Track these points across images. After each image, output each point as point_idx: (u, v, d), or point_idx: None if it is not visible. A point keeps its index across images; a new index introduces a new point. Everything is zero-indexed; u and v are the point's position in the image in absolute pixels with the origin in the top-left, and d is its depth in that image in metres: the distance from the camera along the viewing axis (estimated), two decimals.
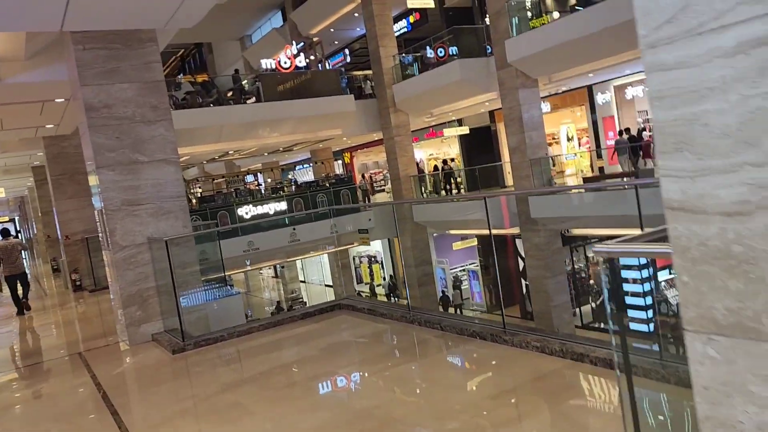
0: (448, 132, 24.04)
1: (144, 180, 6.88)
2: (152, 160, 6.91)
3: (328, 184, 22.25)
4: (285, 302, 27.31)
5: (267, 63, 21.20)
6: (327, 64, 27.39)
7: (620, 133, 18.88)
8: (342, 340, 6.00)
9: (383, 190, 27.62)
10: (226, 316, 7.03)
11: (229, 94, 20.80)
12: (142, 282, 6.73)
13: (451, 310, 26.01)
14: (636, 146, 17.80)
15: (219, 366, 5.71)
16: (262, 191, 22.40)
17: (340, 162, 35.59)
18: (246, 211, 19.93)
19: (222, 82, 22.98)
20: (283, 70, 20.87)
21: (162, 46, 8.66)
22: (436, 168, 26.17)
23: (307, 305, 28.54)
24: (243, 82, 21.54)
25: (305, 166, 36.58)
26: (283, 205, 20.69)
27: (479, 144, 24.72)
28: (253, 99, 20.61)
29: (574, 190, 16.02)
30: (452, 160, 29.49)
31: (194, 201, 20.29)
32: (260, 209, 20.39)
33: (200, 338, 6.02)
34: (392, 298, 27.84)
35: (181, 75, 35.89)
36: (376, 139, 28.12)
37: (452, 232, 22.53)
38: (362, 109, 22.39)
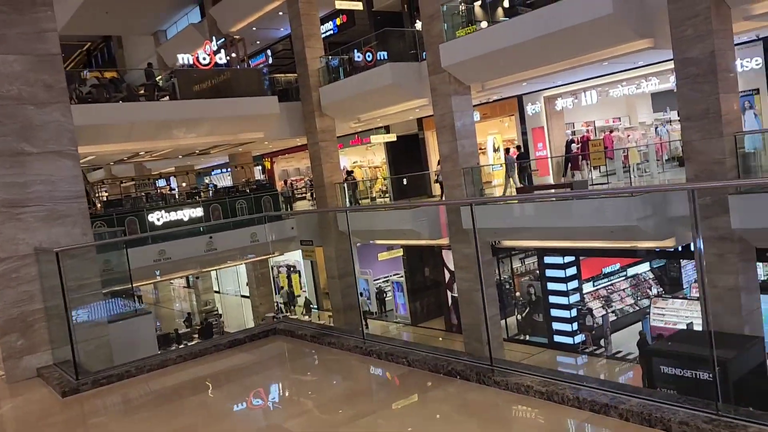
0: (374, 139, 23.32)
1: (32, 176, 5.58)
2: (44, 152, 5.62)
3: (248, 190, 20.93)
4: (198, 315, 25.55)
5: (184, 58, 19.70)
6: (249, 64, 26.04)
7: (507, 150, 18.84)
8: (282, 377, 4.81)
9: (305, 198, 26.51)
10: (135, 343, 5.80)
11: (141, 90, 19.11)
12: (26, 303, 5.41)
13: (374, 323, 25.21)
14: (566, 158, 17.76)
15: (124, 416, 4.46)
16: (176, 196, 20.72)
17: (259, 167, 34.12)
18: (158, 218, 18.30)
19: (133, 78, 21.21)
20: (202, 67, 19.45)
21: (62, 22, 7.33)
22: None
23: (223, 318, 26.95)
24: (157, 78, 19.90)
25: (223, 170, 34.82)
26: (199, 212, 19.19)
27: (406, 152, 24.16)
28: (168, 97, 19.05)
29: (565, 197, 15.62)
30: (377, 167, 28.84)
31: (99, 205, 18.43)
32: (174, 216, 18.81)
33: (100, 374, 4.75)
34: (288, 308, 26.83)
35: (87, 71, 33.32)
36: (299, 144, 27.00)
37: (378, 242, 21.74)
38: (286, 112, 21.27)
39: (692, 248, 13.68)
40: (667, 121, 24.03)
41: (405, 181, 21.50)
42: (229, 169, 29.75)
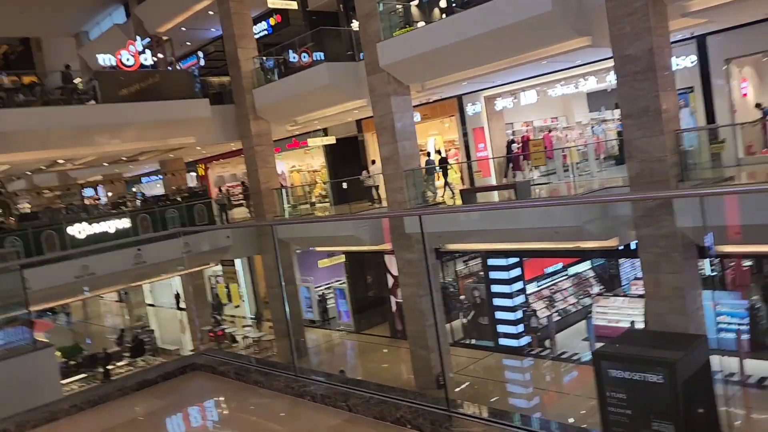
0: (312, 142, 22.59)
1: None
2: None
3: (179, 198, 19.82)
4: (130, 332, 24.13)
5: (105, 59, 18.45)
6: (178, 67, 24.83)
7: (428, 154, 18.62)
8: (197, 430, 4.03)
9: (242, 205, 25.45)
10: (29, 385, 4.90)
11: (58, 94, 17.75)
12: None
13: (317, 331, 24.47)
14: (507, 158, 17.58)
15: None
16: (99, 207, 19.39)
17: (193, 174, 32.75)
18: (79, 231, 17.00)
19: (50, 81, 19.75)
20: (126, 68, 18.26)
21: None
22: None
23: (156, 334, 25.56)
24: (76, 81, 18.57)
25: (154, 178, 33.24)
26: (126, 223, 17.97)
27: (346, 155, 23.53)
28: (92, 102, 17.79)
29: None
30: (316, 171, 28.06)
31: (12, 219, 16.98)
32: (98, 228, 17.54)
33: None
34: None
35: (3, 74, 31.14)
36: (234, 149, 25.95)
37: (318, 248, 21.03)
38: (218, 115, 20.29)
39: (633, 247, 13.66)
40: (602, 120, 24.37)
41: (345, 185, 20.86)
42: (160, 177, 28.35)
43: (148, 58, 18.71)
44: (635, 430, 11.19)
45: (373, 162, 20.23)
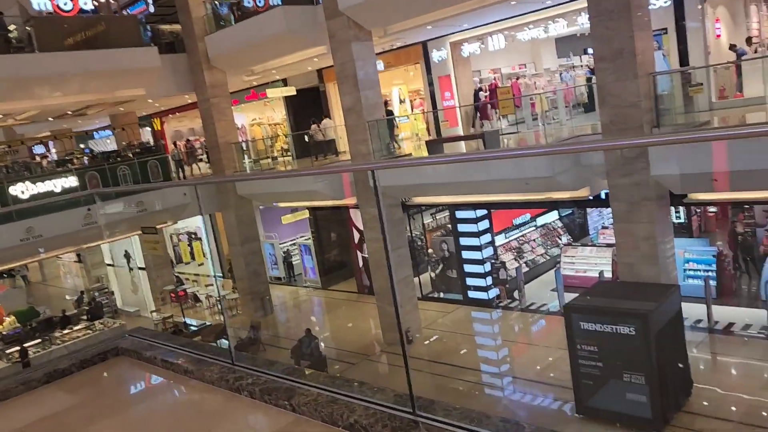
0: (271, 93, 21.52)
1: None
2: None
3: (131, 155, 18.73)
4: (88, 294, 23.23)
5: (41, 4, 16.98)
6: (125, 13, 23.22)
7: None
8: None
9: (202, 160, 24.39)
10: None
11: None
12: None
13: (282, 288, 23.95)
14: (475, 107, 16.94)
15: None
16: (43, 165, 18.22)
17: (149, 129, 31.30)
18: (22, 190, 15.93)
19: None
20: (63, 14, 16.86)
21: None
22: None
23: (116, 296, 24.73)
24: (10, 27, 17.08)
25: (106, 133, 31.67)
26: (73, 181, 16.91)
27: (307, 106, 22.54)
28: (30, 52, 16.38)
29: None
30: (277, 124, 27.02)
31: None
32: (42, 187, 16.47)
33: None
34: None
35: None
36: (190, 102, 24.69)
37: (281, 204, 20.29)
38: (169, 65, 19.07)
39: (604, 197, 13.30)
40: (570, 67, 23.77)
41: (307, 138, 19.99)
42: (112, 132, 26.92)
43: (88, 2, 17.29)
44: (606, 382, 11.04)
45: (324, 116, 19.38)
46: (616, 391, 10.66)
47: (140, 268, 28.43)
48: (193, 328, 20.18)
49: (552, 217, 22.40)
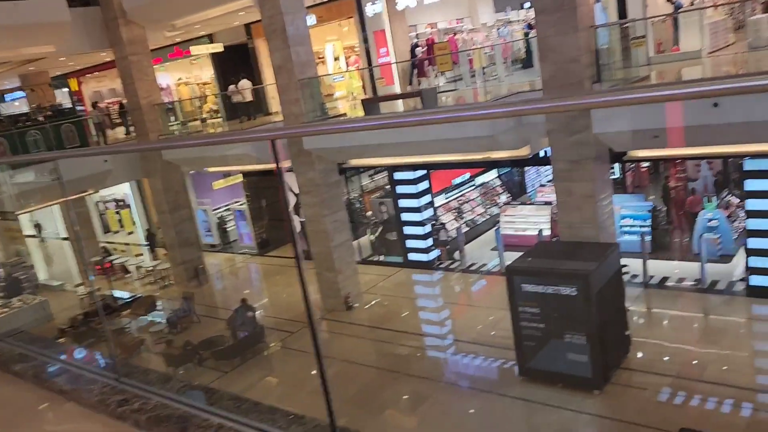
0: (196, 50, 20.18)
1: None
2: None
3: (42, 118, 17.23)
4: (4, 269, 21.69)
5: None
6: None
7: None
8: None
9: (122, 124, 22.87)
10: None
11: None
12: None
13: (217, 256, 23.07)
14: (412, 64, 16.32)
15: None
16: None
17: (66, 90, 29.18)
18: None
19: None
20: None
21: None
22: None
23: (41, 268, 23.23)
24: None
25: (18, 94, 29.35)
26: None
27: (236, 64, 21.30)
28: None
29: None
30: (206, 84, 25.60)
31: None
32: None
33: None
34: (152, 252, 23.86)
35: None
36: (109, 60, 22.98)
37: (211, 169, 19.27)
38: (81, 19, 17.49)
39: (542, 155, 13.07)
40: (508, 21, 23.36)
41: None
42: (24, 94, 24.89)
43: None
44: (547, 343, 10.97)
45: (243, 76, 18.36)
46: (557, 352, 10.59)
47: (64, 239, 26.83)
48: (122, 301, 19.18)
49: (491, 175, 22.26)
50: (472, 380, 11.64)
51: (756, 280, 12.86)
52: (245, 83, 18.01)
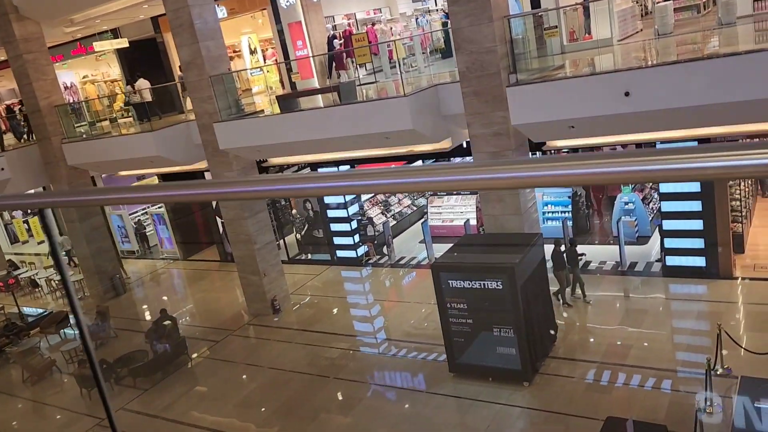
0: (99, 46, 18.95)
1: None
2: None
3: None
4: None
5: None
6: None
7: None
8: None
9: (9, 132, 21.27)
10: None
11: None
12: None
13: (137, 263, 21.95)
14: (330, 56, 15.89)
15: None
16: None
17: None
18: None
19: None
20: None
21: None
22: None
23: None
24: None
25: None
26: None
27: (145, 60, 20.21)
28: None
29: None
30: (115, 81, 24.20)
31: None
32: None
33: None
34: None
35: None
36: (3, 59, 21.31)
37: (123, 173, 18.22)
38: None
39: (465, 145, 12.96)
40: (426, 11, 23.24)
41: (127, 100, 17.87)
42: None
43: None
44: (476, 337, 10.90)
45: (139, 76, 17.47)
46: (486, 346, 10.55)
47: None
48: (32, 318, 17.93)
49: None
50: (405, 379, 11.45)
51: (671, 261, 13.28)
52: (142, 83, 17.12)
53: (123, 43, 19.22)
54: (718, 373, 9.57)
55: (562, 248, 12.85)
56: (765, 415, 8.32)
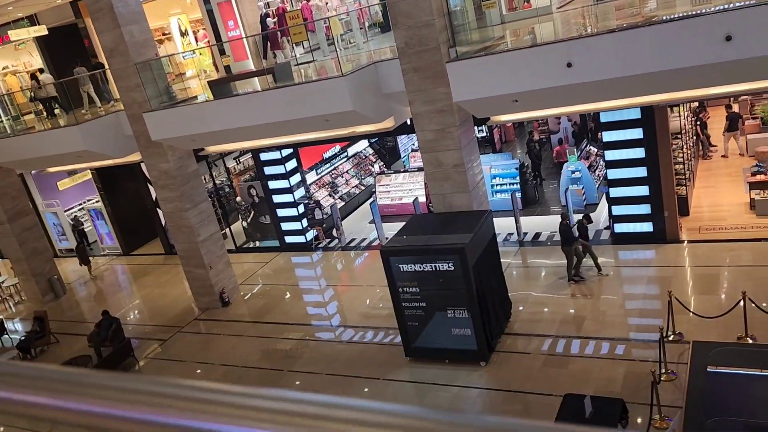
0: (15, 35, 17.65)
1: None
2: None
3: None
4: None
5: None
6: None
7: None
8: None
9: None
10: None
11: None
12: None
13: (74, 262, 20.93)
14: (263, 36, 15.19)
15: None
16: None
17: None
18: None
19: None
20: None
21: None
22: None
23: None
24: None
25: None
26: None
27: (68, 48, 18.97)
28: None
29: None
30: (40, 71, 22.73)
31: None
32: None
33: None
34: None
35: None
36: None
37: (51, 169, 17.20)
38: None
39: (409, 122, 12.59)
40: None
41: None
42: None
43: None
44: (430, 320, 10.69)
45: (41, 71, 16.47)
46: (441, 328, 10.36)
47: None
48: None
49: (362, 145, 21.76)
50: (360, 366, 11.18)
51: (619, 228, 13.35)
52: (47, 77, 16.17)
53: (41, 30, 17.93)
54: (671, 339, 9.65)
55: (571, 223, 12.24)
56: (717, 379, 8.42)
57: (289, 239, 17.48)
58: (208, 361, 12.82)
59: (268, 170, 17.00)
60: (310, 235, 17.39)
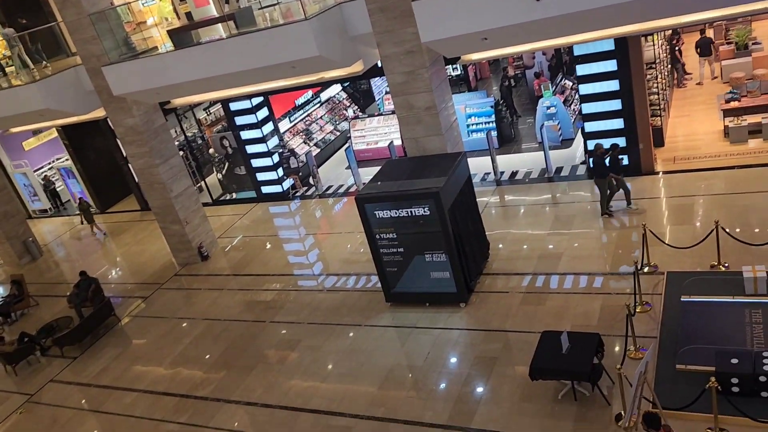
0: None
1: None
2: None
3: None
4: None
5: None
6: None
7: None
8: None
9: None
10: None
11: None
12: None
13: (53, 221, 20.58)
14: None
15: None
16: None
17: None
18: None
19: None
20: None
21: None
22: None
23: None
24: None
25: None
26: None
27: (19, 1, 18.07)
28: None
29: None
30: None
31: None
32: None
33: None
34: None
35: None
36: None
37: (15, 130, 16.67)
38: None
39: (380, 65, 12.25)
40: None
41: (28, 39, 16.00)
42: None
43: None
44: (409, 265, 10.71)
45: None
46: (420, 273, 10.40)
47: None
48: None
49: (336, 89, 21.30)
50: (342, 313, 11.26)
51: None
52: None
53: None
54: (645, 271, 9.78)
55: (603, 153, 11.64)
56: (690, 307, 8.59)
57: (265, 189, 17.29)
58: (190, 316, 12.83)
59: (240, 120, 16.62)
60: (287, 184, 17.20)
